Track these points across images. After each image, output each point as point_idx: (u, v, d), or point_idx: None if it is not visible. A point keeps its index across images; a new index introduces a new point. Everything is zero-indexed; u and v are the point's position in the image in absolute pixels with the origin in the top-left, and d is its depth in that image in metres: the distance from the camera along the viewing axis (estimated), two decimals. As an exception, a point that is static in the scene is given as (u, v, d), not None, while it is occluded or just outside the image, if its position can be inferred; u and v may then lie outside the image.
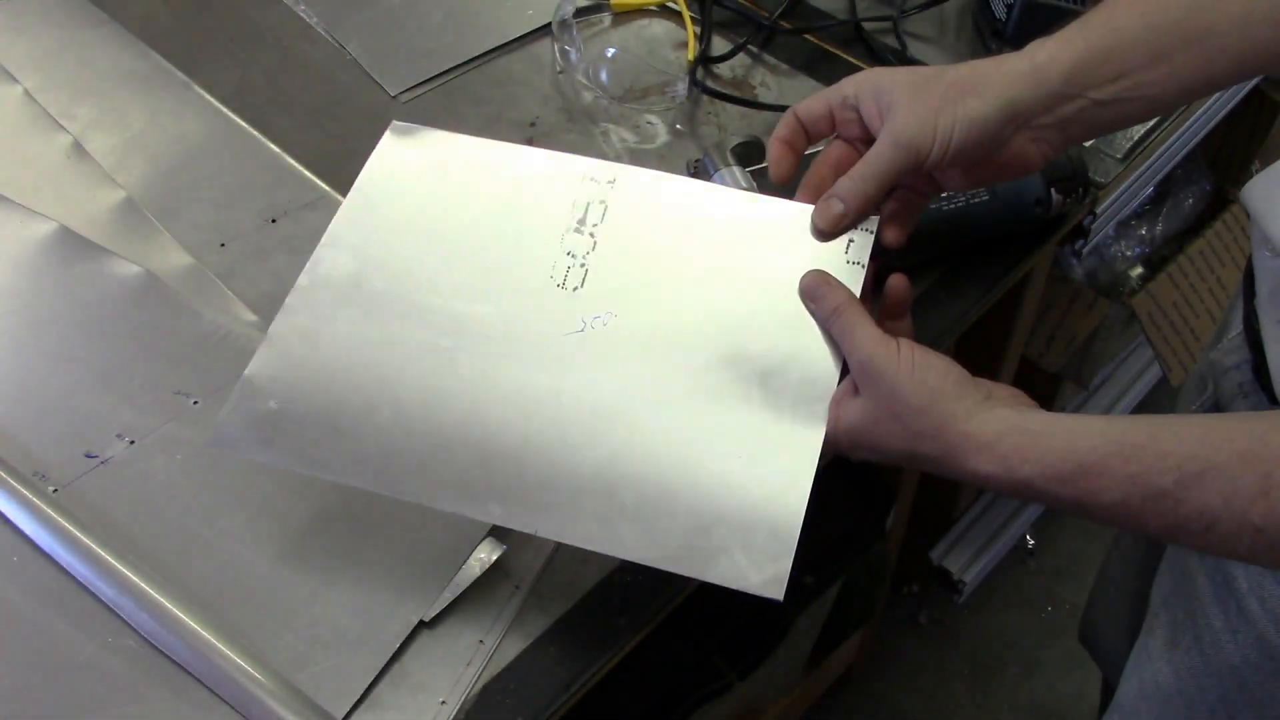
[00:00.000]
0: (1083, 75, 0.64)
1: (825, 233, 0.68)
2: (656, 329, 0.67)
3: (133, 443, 0.76)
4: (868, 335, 0.63)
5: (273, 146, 0.97)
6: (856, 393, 0.63)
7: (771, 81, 1.04)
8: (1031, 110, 0.64)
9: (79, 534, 0.70)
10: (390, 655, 0.68)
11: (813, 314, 0.67)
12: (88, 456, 0.75)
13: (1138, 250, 1.46)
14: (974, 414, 0.59)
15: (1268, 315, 0.70)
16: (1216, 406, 0.78)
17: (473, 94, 1.02)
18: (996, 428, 0.58)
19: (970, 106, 0.64)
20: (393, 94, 1.02)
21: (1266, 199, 0.67)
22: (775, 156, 0.71)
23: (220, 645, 0.66)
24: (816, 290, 0.66)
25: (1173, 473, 0.53)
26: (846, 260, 0.68)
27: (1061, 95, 0.64)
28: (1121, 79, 0.64)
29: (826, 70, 1.05)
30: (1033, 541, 1.77)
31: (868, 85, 0.67)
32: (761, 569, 0.61)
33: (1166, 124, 1.01)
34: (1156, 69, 0.64)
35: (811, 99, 0.71)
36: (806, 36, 1.07)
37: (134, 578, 0.68)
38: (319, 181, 0.94)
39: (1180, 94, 0.65)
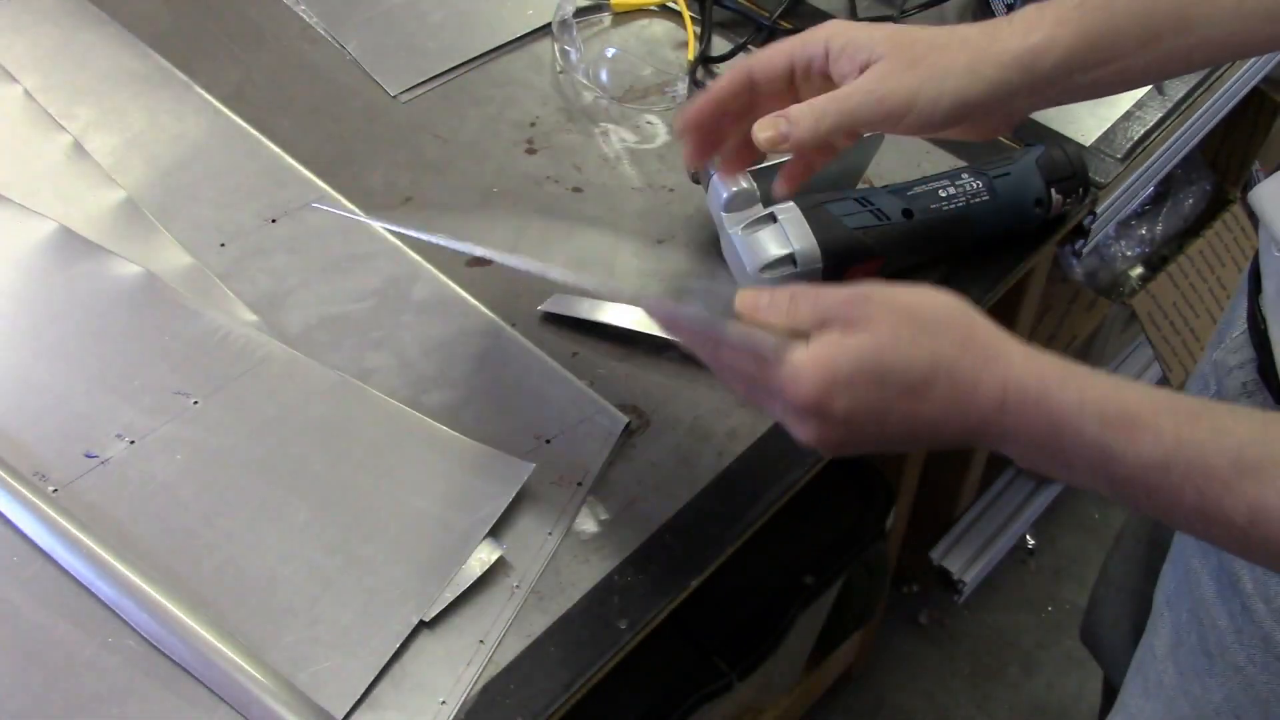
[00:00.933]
0: (1074, 63, 0.63)
1: (761, 147, 0.64)
2: None
3: (133, 443, 0.76)
4: (837, 287, 0.57)
5: (273, 146, 0.97)
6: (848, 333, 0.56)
7: (771, 81, 1.04)
8: (1018, 92, 0.64)
9: (79, 534, 0.70)
10: (390, 655, 0.68)
11: (769, 319, 0.59)
12: (88, 456, 0.75)
13: (1138, 250, 1.46)
14: (1002, 330, 0.55)
15: (1275, 316, 0.70)
16: None
17: (473, 94, 1.02)
18: (1031, 350, 0.53)
19: (959, 84, 0.62)
20: (393, 94, 1.02)
21: (1277, 205, 0.67)
22: (694, 119, 0.65)
23: (220, 645, 0.66)
24: (764, 295, 0.59)
25: (1230, 453, 0.48)
26: None
27: (1049, 80, 0.64)
28: (1109, 64, 0.63)
29: (826, 70, 1.05)
30: (1033, 541, 1.77)
31: (840, 40, 0.63)
32: None
33: (1167, 124, 1.01)
34: (1144, 54, 0.63)
35: (769, 51, 0.65)
36: (806, 36, 1.07)
37: (134, 578, 0.68)
38: (319, 181, 0.94)
39: (1156, 76, 0.65)
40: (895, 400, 0.54)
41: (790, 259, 0.79)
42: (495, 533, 0.73)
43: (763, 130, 0.63)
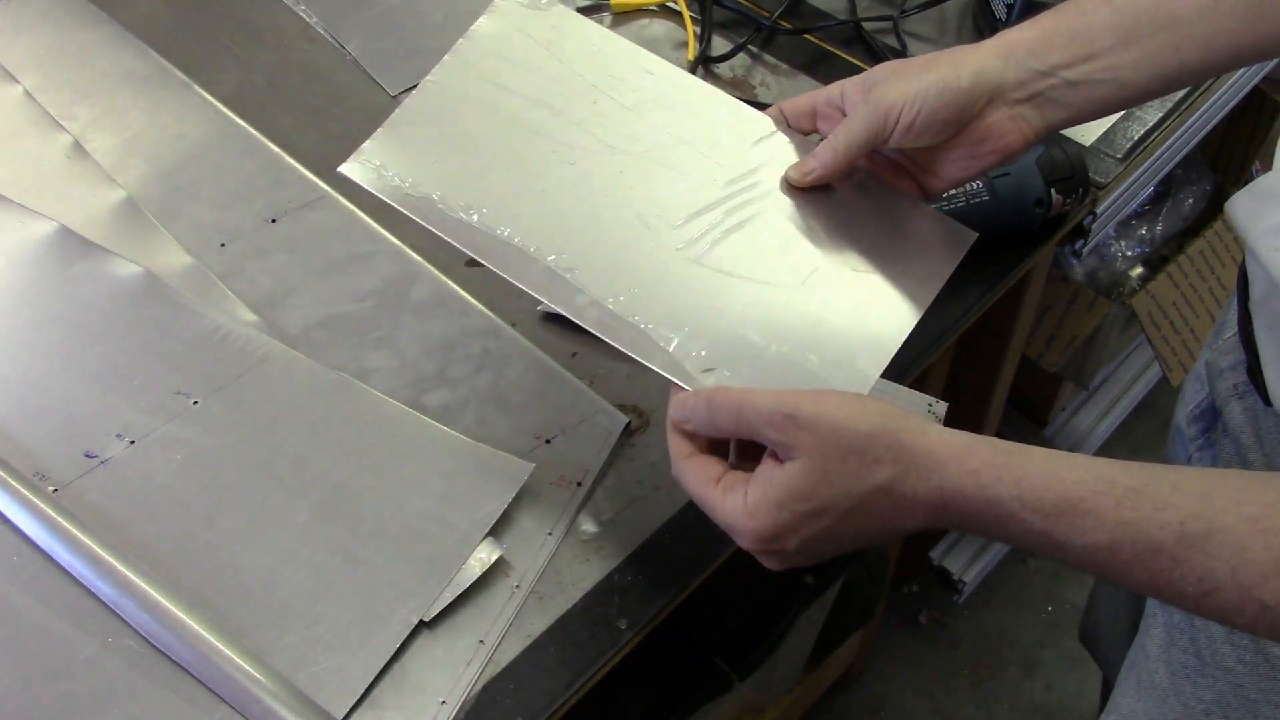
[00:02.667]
0: (1049, 51, 0.65)
1: (793, 183, 0.69)
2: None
3: (133, 443, 0.76)
4: (770, 395, 0.56)
5: (273, 146, 0.97)
6: (779, 461, 0.56)
7: (771, 81, 1.04)
8: (1002, 81, 0.66)
9: (79, 534, 0.70)
10: (390, 655, 0.68)
11: (696, 430, 0.60)
12: (88, 456, 0.75)
13: (1138, 250, 1.46)
14: (929, 429, 0.55)
15: (1260, 321, 0.70)
16: (1213, 407, 0.78)
17: (473, 94, 1.02)
18: (963, 440, 0.54)
19: (943, 72, 0.65)
20: (393, 94, 1.02)
21: (1249, 215, 0.67)
22: None
23: (220, 645, 0.66)
24: (685, 408, 0.60)
25: (1172, 528, 0.48)
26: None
27: (1031, 70, 0.65)
28: (1091, 60, 0.65)
29: (826, 70, 1.05)
30: (1033, 541, 1.77)
31: (855, 78, 0.69)
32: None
33: (1167, 124, 1.01)
34: (1126, 52, 0.65)
35: (799, 97, 0.72)
36: (806, 36, 1.07)
37: (134, 578, 0.68)
38: (319, 181, 0.94)
39: (1154, 79, 0.65)
40: (838, 524, 0.55)
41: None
42: (495, 533, 0.73)
43: (794, 170, 0.69)
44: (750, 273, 0.67)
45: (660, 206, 0.69)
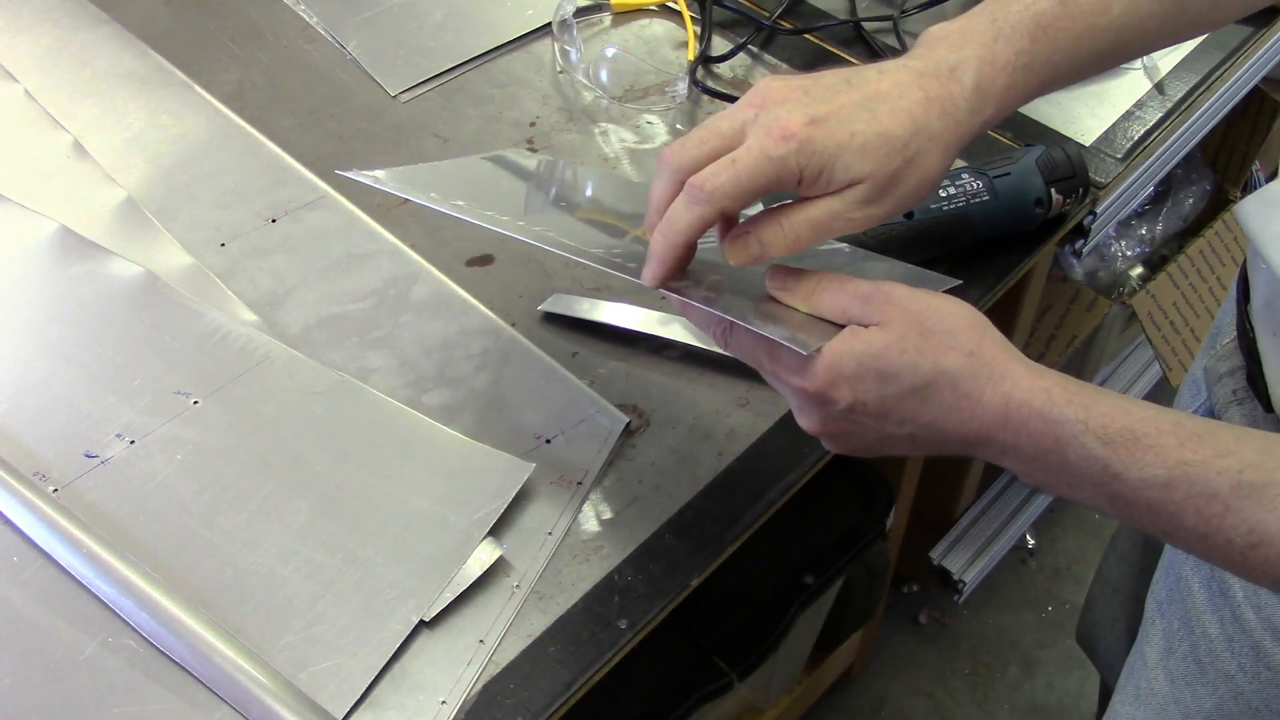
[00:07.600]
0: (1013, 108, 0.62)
1: (733, 264, 0.59)
2: None
3: (133, 443, 0.76)
4: (868, 279, 0.57)
5: (273, 146, 0.97)
6: (862, 327, 0.56)
7: (771, 81, 1.04)
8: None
9: (79, 534, 0.70)
10: (390, 655, 0.68)
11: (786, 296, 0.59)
12: (88, 456, 0.75)
13: (1138, 250, 1.46)
14: (1012, 347, 0.55)
15: (1263, 327, 0.70)
16: (1210, 413, 0.78)
17: (473, 94, 1.02)
18: (1038, 365, 0.54)
19: (927, 167, 0.59)
20: (393, 94, 1.02)
21: (1259, 220, 0.67)
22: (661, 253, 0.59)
23: (220, 645, 0.66)
24: (784, 282, 0.59)
25: (1231, 475, 0.49)
26: None
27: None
28: (1042, 93, 0.63)
29: (826, 70, 1.04)
30: (1033, 541, 1.77)
31: (815, 163, 0.56)
32: None
33: (1167, 124, 1.01)
34: (1067, 83, 0.64)
35: (691, 144, 0.58)
36: (806, 36, 1.07)
37: (134, 578, 0.68)
38: (319, 181, 0.94)
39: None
40: (896, 400, 0.55)
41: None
42: (495, 533, 0.73)
43: (735, 254, 0.59)
44: None
45: None
